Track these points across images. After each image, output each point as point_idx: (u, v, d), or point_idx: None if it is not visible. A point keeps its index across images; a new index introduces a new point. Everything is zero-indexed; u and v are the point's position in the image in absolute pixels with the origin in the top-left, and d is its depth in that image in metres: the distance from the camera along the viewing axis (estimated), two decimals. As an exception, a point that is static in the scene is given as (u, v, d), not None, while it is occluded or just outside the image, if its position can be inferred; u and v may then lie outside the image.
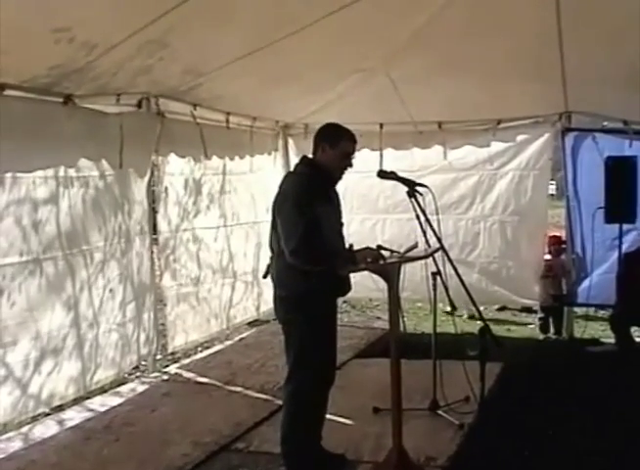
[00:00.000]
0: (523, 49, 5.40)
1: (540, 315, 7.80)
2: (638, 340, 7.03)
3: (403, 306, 3.94)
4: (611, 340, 6.92)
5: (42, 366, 4.65)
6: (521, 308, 8.65)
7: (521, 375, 5.82)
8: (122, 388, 5.57)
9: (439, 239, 3.72)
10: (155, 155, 5.86)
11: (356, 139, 3.91)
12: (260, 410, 4.97)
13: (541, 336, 7.67)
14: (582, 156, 7.19)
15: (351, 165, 3.89)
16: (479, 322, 4.52)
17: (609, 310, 7.48)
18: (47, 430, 4.67)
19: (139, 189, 5.64)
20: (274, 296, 3.91)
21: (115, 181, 5.32)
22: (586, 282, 7.29)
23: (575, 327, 7.54)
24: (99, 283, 5.20)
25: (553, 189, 12.87)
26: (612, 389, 5.37)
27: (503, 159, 7.60)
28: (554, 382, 5.65)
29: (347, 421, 4.73)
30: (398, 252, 3.88)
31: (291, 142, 8.04)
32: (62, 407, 5.00)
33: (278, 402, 4.29)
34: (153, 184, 6.00)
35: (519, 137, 7.48)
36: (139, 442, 4.49)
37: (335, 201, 3.99)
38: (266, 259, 4.04)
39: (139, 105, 5.33)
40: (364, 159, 5.74)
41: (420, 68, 5.87)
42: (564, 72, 5.87)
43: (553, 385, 5.58)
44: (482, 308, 5.30)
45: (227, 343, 7.13)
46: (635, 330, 7.02)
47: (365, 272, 3.80)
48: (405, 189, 3.80)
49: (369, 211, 8.07)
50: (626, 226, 6.80)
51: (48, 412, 4.89)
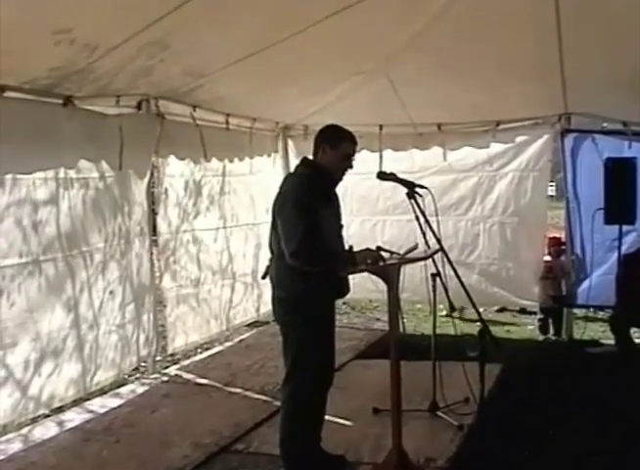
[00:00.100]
0: (522, 50, 5.40)
1: (540, 316, 7.80)
2: (638, 341, 7.03)
3: (403, 308, 3.94)
4: (610, 341, 6.92)
5: (42, 368, 4.64)
6: (518, 309, 8.66)
7: (520, 376, 5.82)
8: (122, 389, 5.56)
9: (439, 240, 3.72)
10: (154, 156, 5.86)
11: (357, 141, 3.91)
12: (260, 411, 4.97)
13: (541, 337, 7.67)
14: (582, 157, 7.19)
15: (352, 167, 3.89)
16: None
17: (608, 312, 7.49)
18: (47, 431, 4.67)
19: (139, 190, 5.64)
20: (272, 297, 3.91)
21: (115, 182, 5.32)
22: (586, 283, 7.29)
23: (575, 328, 7.54)
24: (99, 284, 5.20)
25: (552, 190, 12.87)
26: (611, 389, 5.38)
27: (503, 160, 7.61)
28: (553, 383, 5.65)
29: (347, 422, 4.73)
30: (398, 253, 3.88)
31: (290, 143, 8.04)
32: (61, 409, 5.00)
33: (278, 404, 4.29)
34: (152, 186, 6.01)
35: (518, 138, 7.48)
36: (139, 443, 4.49)
37: (335, 203, 3.99)
38: (266, 261, 4.04)
39: (139, 106, 5.33)
40: (364, 160, 5.72)
41: (419, 69, 5.87)
42: (563, 74, 5.87)
43: (553, 386, 5.58)
44: (482, 310, 5.29)
45: (227, 344, 7.13)
46: (635, 331, 7.02)
47: (365, 273, 3.79)
48: (405, 190, 3.80)
49: (369, 213, 8.08)
50: (626, 227, 6.80)
51: (48, 414, 4.88)
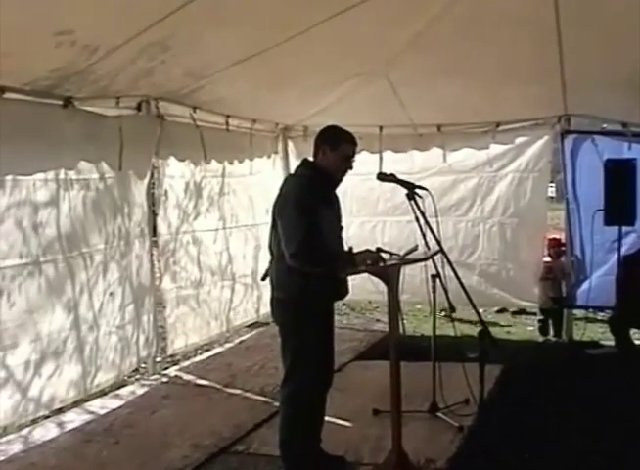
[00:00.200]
0: (522, 52, 5.40)
1: (540, 318, 7.80)
2: (638, 342, 7.02)
3: (403, 309, 3.93)
4: (610, 342, 6.93)
5: (42, 369, 4.64)
6: (517, 310, 8.66)
7: (520, 377, 5.82)
8: (122, 390, 5.56)
9: (439, 241, 3.72)
10: (154, 157, 5.86)
11: (357, 142, 3.92)
12: (260, 413, 4.97)
13: (541, 338, 7.67)
14: (582, 158, 7.19)
15: (352, 168, 3.90)
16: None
17: (608, 313, 7.49)
18: (47, 432, 4.66)
19: (139, 191, 5.64)
20: (271, 297, 3.92)
21: (115, 184, 5.32)
22: (586, 284, 7.29)
23: (575, 329, 7.53)
24: (99, 285, 5.19)
25: (552, 191, 12.86)
26: (611, 390, 5.37)
27: (502, 161, 7.61)
28: (553, 384, 5.65)
29: (347, 423, 4.73)
30: (398, 254, 3.88)
31: (290, 144, 8.05)
32: (61, 410, 4.99)
33: (278, 405, 4.29)
34: (153, 187, 6.01)
35: (518, 140, 7.49)
36: (139, 444, 4.49)
37: (335, 204, 3.99)
38: (265, 262, 4.04)
39: (139, 107, 5.34)
40: (363, 161, 5.72)
41: (419, 70, 5.87)
42: (563, 75, 5.87)
43: (552, 387, 5.58)
44: (482, 311, 5.29)
45: (227, 345, 7.13)
46: (635, 332, 7.02)
47: (365, 274, 3.78)
48: (405, 191, 3.79)
49: (368, 214, 8.09)
50: (626, 228, 6.80)
51: (48, 415, 4.87)
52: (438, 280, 4.01)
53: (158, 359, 6.12)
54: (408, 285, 4.19)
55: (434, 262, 3.83)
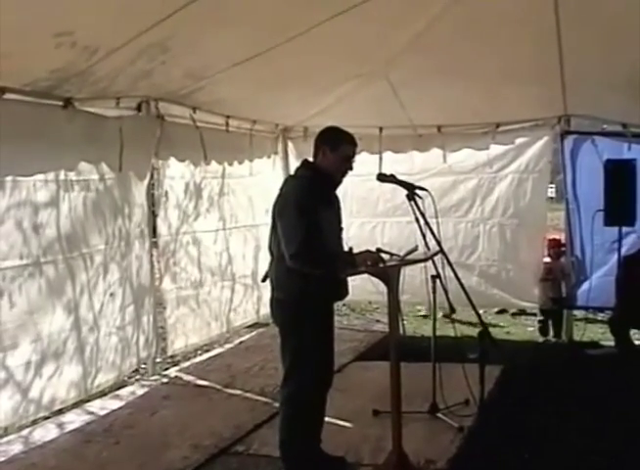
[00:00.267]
0: (522, 52, 5.40)
1: (540, 318, 7.80)
2: (638, 342, 7.02)
3: (403, 310, 3.93)
4: (610, 342, 6.92)
5: (43, 370, 4.64)
6: (517, 311, 8.66)
7: (520, 378, 5.82)
8: (122, 391, 5.56)
9: (439, 242, 3.72)
10: (154, 158, 5.86)
11: (356, 142, 3.92)
12: (260, 413, 4.97)
13: (541, 339, 7.67)
14: (581, 159, 7.19)
15: (352, 169, 3.89)
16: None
17: (608, 313, 7.48)
18: (47, 433, 4.66)
19: (139, 192, 5.63)
20: (271, 298, 3.91)
21: (115, 184, 5.31)
22: (586, 285, 7.29)
23: (575, 330, 7.52)
24: (99, 286, 5.19)
25: (552, 192, 12.87)
26: (611, 391, 5.37)
27: (502, 162, 7.61)
28: (553, 384, 5.65)
29: (347, 424, 4.73)
30: (398, 255, 3.88)
31: (290, 145, 8.05)
32: (62, 410, 4.99)
33: (278, 405, 4.29)
34: (152, 187, 6.01)
35: (518, 140, 7.48)
36: (139, 444, 4.48)
37: (335, 205, 3.99)
38: (265, 262, 4.04)
39: (139, 108, 5.34)
40: (363, 162, 5.73)
41: (419, 71, 5.87)
42: (563, 76, 5.87)
43: (552, 387, 5.58)
44: (482, 311, 5.30)
45: (227, 346, 7.13)
46: (635, 333, 7.01)
47: (365, 275, 3.78)
48: (405, 192, 3.78)
49: (368, 215, 8.08)
50: (626, 229, 6.80)
51: (48, 415, 4.87)
52: (438, 281, 4.01)
53: (158, 360, 6.12)
54: (408, 286, 4.18)
55: (434, 263, 3.83)
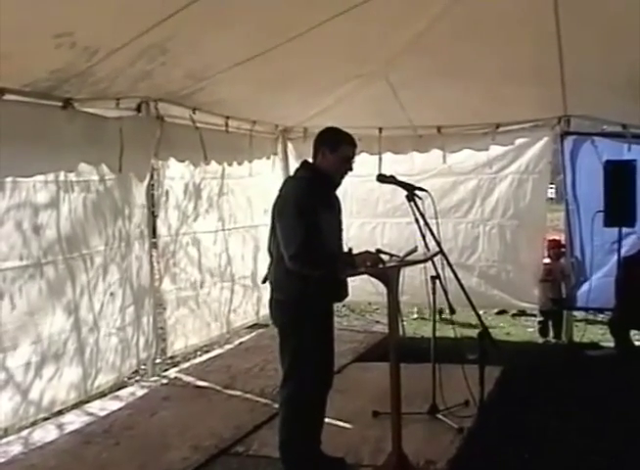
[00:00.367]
0: (521, 53, 5.39)
1: (539, 319, 7.80)
2: (637, 343, 7.02)
3: (402, 310, 3.93)
4: (610, 344, 6.92)
5: (43, 371, 4.63)
6: (517, 312, 8.65)
7: (520, 379, 5.82)
8: (122, 392, 5.55)
9: (439, 243, 3.72)
10: (154, 159, 5.85)
11: (356, 143, 3.91)
12: (260, 414, 4.96)
13: (540, 340, 7.68)
14: (581, 159, 7.19)
15: (351, 169, 3.89)
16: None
17: (608, 314, 7.48)
18: (47, 434, 4.66)
19: (139, 193, 5.63)
20: (270, 299, 3.91)
21: (115, 185, 5.31)
22: (585, 286, 7.29)
23: (575, 331, 7.52)
24: (99, 287, 5.18)
25: (552, 193, 12.87)
26: (611, 392, 5.37)
27: (502, 162, 7.61)
28: (553, 385, 5.64)
29: (347, 425, 4.72)
30: (398, 255, 3.88)
31: (290, 146, 8.04)
32: (61, 411, 4.99)
33: (277, 406, 4.29)
34: (152, 188, 6.00)
35: (518, 141, 7.48)
36: (139, 445, 4.48)
37: (336, 207, 3.99)
38: (265, 264, 4.03)
39: (138, 109, 5.33)
40: (363, 163, 5.73)
41: (419, 72, 5.86)
42: (563, 76, 5.86)
43: (552, 388, 5.57)
44: (482, 312, 5.29)
45: (227, 347, 7.12)
46: (635, 334, 7.01)
47: (364, 276, 3.77)
48: (404, 193, 3.78)
49: (368, 215, 8.07)
50: (625, 230, 6.80)
51: (47, 416, 4.86)
52: (438, 282, 4.01)
53: (157, 361, 6.11)
54: (408, 286, 4.18)
55: (434, 264, 3.83)
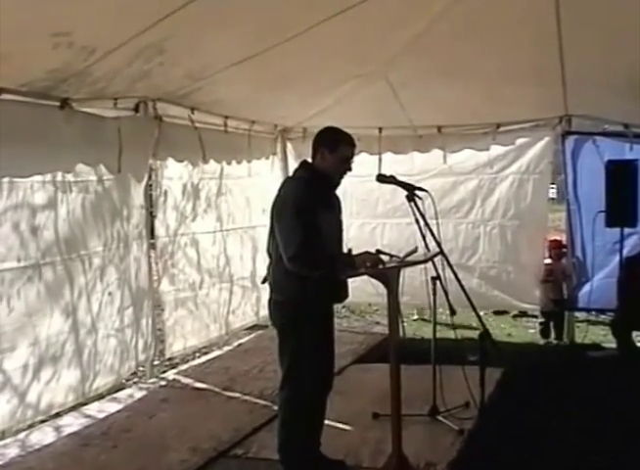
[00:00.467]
0: (522, 52, 5.37)
1: (541, 320, 7.78)
2: None
3: (403, 312, 3.91)
4: (612, 345, 6.89)
5: (41, 373, 4.61)
6: (518, 313, 8.62)
7: (521, 380, 5.79)
8: (120, 394, 5.53)
9: (439, 243, 3.71)
10: (152, 159, 5.83)
11: (355, 143, 3.89)
12: (259, 416, 4.94)
13: (542, 341, 7.65)
14: (583, 159, 7.17)
15: (351, 170, 3.87)
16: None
17: (610, 315, 7.46)
18: (44, 436, 4.63)
19: (137, 193, 5.60)
20: (269, 300, 3.89)
21: (114, 186, 5.28)
22: (587, 286, 7.26)
23: (576, 332, 7.50)
24: (97, 288, 5.16)
25: (553, 193, 12.85)
26: (613, 394, 5.34)
27: (503, 162, 7.58)
28: (555, 387, 5.61)
29: (347, 427, 4.70)
30: (398, 256, 3.86)
31: (289, 146, 8.01)
32: (59, 414, 4.96)
33: (276, 408, 4.27)
34: (150, 189, 5.97)
35: (519, 141, 7.45)
36: (137, 448, 4.46)
37: (336, 207, 3.97)
38: (264, 264, 4.01)
39: (136, 109, 5.29)
40: (363, 163, 5.71)
41: (419, 71, 5.84)
42: (564, 76, 5.83)
43: (554, 389, 5.54)
44: (482, 313, 5.27)
45: (225, 348, 7.09)
46: (637, 335, 6.97)
47: (364, 277, 3.75)
48: (404, 193, 3.77)
49: (368, 216, 8.04)
50: (627, 230, 6.77)
51: (45, 419, 4.84)
52: (439, 282, 3.99)
53: (156, 363, 6.09)
54: (408, 287, 4.15)
55: (435, 265, 3.81)
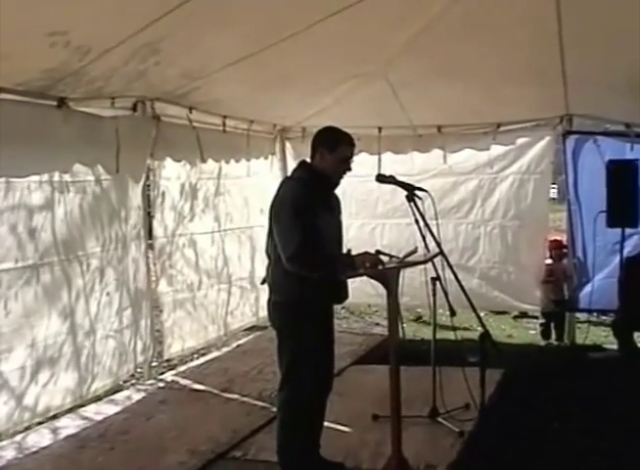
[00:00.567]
0: (523, 52, 5.35)
1: (541, 321, 7.75)
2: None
3: (402, 312, 3.89)
4: (613, 346, 6.87)
5: (38, 375, 4.58)
6: (518, 314, 8.59)
7: (522, 382, 5.76)
8: (117, 395, 5.50)
9: (439, 244, 3.69)
10: (150, 159, 5.80)
11: (355, 143, 3.87)
12: (258, 418, 4.92)
13: (542, 342, 7.61)
14: (584, 159, 7.15)
15: (350, 170, 3.85)
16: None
17: (611, 316, 7.44)
18: (41, 438, 4.61)
19: (135, 194, 5.57)
20: (269, 301, 3.87)
21: (111, 186, 5.26)
22: (588, 287, 7.23)
23: (577, 333, 7.47)
24: (95, 289, 5.13)
25: (554, 193, 12.83)
26: (614, 395, 5.32)
27: (503, 162, 7.55)
28: (555, 388, 5.59)
29: (346, 428, 4.68)
30: (397, 257, 3.84)
31: (288, 146, 7.99)
32: (56, 416, 4.93)
33: (275, 410, 4.25)
34: (148, 189, 5.94)
35: (519, 140, 7.42)
36: (134, 450, 4.44)
37: (336, 208, 3.95)
38: (263, 264, 3.99)
39: (134, 108, 5.27)
40: (362, 163, 5.68)
41: (419, 71, 5.82)
42: (564, 75, 5.81)
43: (554, 391, 5.52)
44: (483, 314, 5.24)
45: (224, 349, 7.06)
46: (638, 336, 6.94)
47: (364, 278, 3.74)
48: (404, 193, 3.75)
49: (368, 216, 8.01)
50: (628, 230, 6.74)
51: (42, 420, 4.81)
52: (438, 283, 3.97)
53: (154, 364, 6.08)
54: (408, 288, 4.12)
55: (434, 265, 3.79)
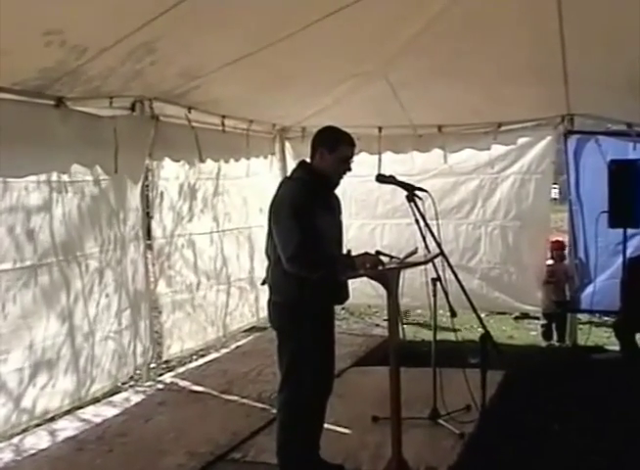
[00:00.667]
0: (524, 51, 5.34)
1: (543, 322, 7.73)
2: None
3: (402, 313, 3.87)
4: (615, 347, 6.84)
5: (36, 378, 4.55)
6: (519, 315, 8.57)
7: (523, 383, 5.75)
8: (116, 397, 5.48)
9: (439, 244, 3.67)
10: (149, 159, 5.78)
11: (355, 143, 3.85)
12: (257, 420, 4.91)
13: (544, 343, 7.60)
14: (585, 159, 7.13)
15: (350, 170, 3.84)
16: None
17: (613, 317, 7.41)
18: (39, 441, 4.59)
19: (133, 194, 5.55)
20: (269, 301, 3.86)
21: (110, 186, 5.23)
22: (590, 288, 7.22)
23: (579, 334, 7.46)
24: (94, 290, 5.11)
25: (556, 193, 12.82)
26: (616, 396, 5.30)
27: (504, 162, 7.52)
28: (557, 390, 5.57)
29: (346, 430, 4.67)
30: (398, 257, 3.83)
31: (288, 146, 7.97)
32: (54, 418, 4.91)
33: (275, 411, 4.24)
34: (146, 189, 5.92)
35: (520, 140, 7.39)
36: (133, 452, 4.43)
37: (336, 208, 3.93)
38: (262, 265, 3.98)
39: (133, 108, 5.24)
40: (362, 162, 5.65)
41: (419, 70, 5.80)
42: (566, 75, 5.79)
43: (556, 392, 5.50)
44: (483, 315, 5.22)
45: (223, 351, 7.05)
46: (640, 337, 6.94)
47: (364, 278, 3.73)
48: (404, 193, 3.73)
49: (368, 216, 7.99)
50: (630, 231, 6.72)
51: (40, 423, 4.78)
52: (439, 284, 3.95)
53: (152, 365, 6.05)
54: (408, 289, 4.10)
55: (435, 266, 3.77)
